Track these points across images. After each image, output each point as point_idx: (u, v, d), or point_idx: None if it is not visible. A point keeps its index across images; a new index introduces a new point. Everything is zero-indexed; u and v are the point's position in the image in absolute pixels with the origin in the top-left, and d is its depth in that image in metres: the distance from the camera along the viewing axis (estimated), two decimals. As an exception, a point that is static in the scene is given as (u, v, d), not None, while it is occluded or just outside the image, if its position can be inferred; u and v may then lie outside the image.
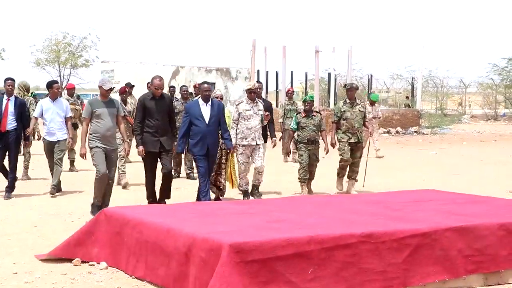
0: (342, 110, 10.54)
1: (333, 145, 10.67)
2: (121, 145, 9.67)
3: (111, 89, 8.50)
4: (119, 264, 5.79)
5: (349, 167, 10.54)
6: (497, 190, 10.48)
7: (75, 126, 12.72)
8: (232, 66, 29.35)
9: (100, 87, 8.57)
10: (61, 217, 8.36)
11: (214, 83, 24.73)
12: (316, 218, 5.75)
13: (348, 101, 10.67)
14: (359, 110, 10.58)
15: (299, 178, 10.24)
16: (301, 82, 32.25)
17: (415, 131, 27.34)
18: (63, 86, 42.08)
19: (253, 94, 9.54)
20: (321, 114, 10.71)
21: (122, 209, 6.45)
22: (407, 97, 32.34)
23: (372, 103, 16.66)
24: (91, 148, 8.35)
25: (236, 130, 9.51)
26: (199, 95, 9.11)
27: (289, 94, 15.95)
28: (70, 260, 6.04)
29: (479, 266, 5.48)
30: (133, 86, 13.88)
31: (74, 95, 13.75)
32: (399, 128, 27.48)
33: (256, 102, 9.66)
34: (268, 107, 10.19)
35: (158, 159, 8.69)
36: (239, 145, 9.47)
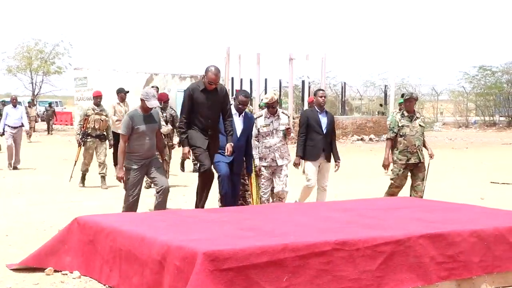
0: (400, 124, 8.91)
1: (385, 166, 9.07)
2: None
3: (153, 106, 7.35)
4: (93, 273, 5.74)
5: (411, 193, 9.02)
6: (469, 197, 10.59)
7: (101, 138, 12.28)
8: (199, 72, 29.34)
9: (142, 101, 7.31)
10: (33, 226, 8.26)
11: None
12: (290, 226, 5.75)
13: (406, 113, 8.97)
14: (420, 125, 8.96)
15: None
16: (275, 90, 32.35)
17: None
18: (35, 93, 41.76)
19: (271, 108, 8.31)
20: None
21: (96, 217, 6.39)
22: (381, 105, 32.60)
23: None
24: (126, 169, 7.38)
25: (258, 149, 8.32)
26: None
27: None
28: (42, 270, 5.97)
29: (452, 273, 5.51)
30: (128, 92, 13.56)
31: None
32: (372, 136, 27.70)
33: (278, 116, 8.41)
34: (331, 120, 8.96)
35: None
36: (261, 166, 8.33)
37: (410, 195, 8.90)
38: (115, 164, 13.66)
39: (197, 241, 4.98)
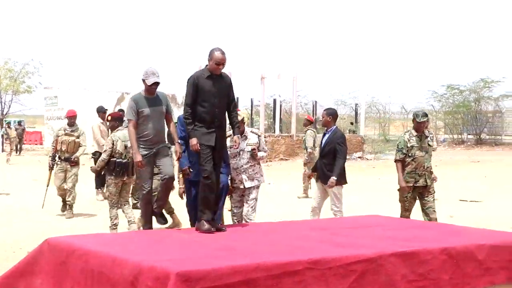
0: (409, 145, 8.57)
1: (404, 189, 8.59)
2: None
3: (156, 84, 6.93)
4: (64, 295, 5.67)
5: (424, 216, 8.70)
6: (438, 215, 10.71)
7: (71, 162, 11.11)
8: (178, 92, 29.33)
9: (143, 81, 6.95)
10: (2, 248, 8.16)
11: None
12: (263, 245, 5.77)
13: (414, 133, 8.62)
14: (429, 145, 8.65)
15: None
16: (246, 108, 32.44)
17: (359, 157, 27.77)
18: (3, 113, 41.27)
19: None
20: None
21: (67, 238, 6.33)
22: (351, 123, 32.88)
23: None
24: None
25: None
26: None
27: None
28: (12, 292, 5.89)
29: (423, 290, 5.57)
30: (107, 110, 13.42)
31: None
32: (343, 154, 27.85)
33: (245, 136, 7.88)
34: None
35: None
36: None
37: (425, 219, 8.60)
38: (97, 187, 13.42)
39: (169, 261, 4.96)
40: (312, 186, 8.83)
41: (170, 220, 9.32)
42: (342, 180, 8.50)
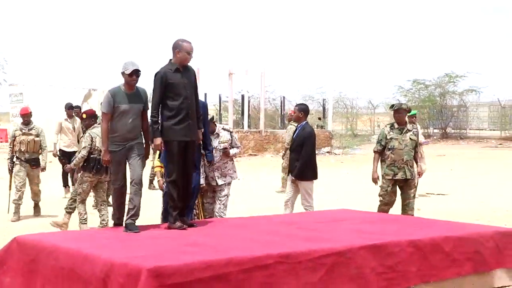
0: (388, 137, 8.53)
1: (375, 180, 8.66)
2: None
3: (137, 73, 6.55)
4: (34, 293, 5.64)
5: (402, 211, 8.63)
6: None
7: (32, 163, 10.50)
8: (146, 87, 29.15)
9: (123, 74, 6.56)
10: (-30, 246, 8.05)
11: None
12: (233, 241, 5.81)
13: (396, 126, 8.60)
14: (410, 139, 8.55)
15: None
16: (214, 104, 32.37)
17: (327, 152, 27.94)
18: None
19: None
20: None
21: (36, 236, 6.30)
22: (319, 118, 33.04)
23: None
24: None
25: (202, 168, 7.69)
26: None
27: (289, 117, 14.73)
28: (-20, 291, 5.84)
29: (391, 282, 5.67)
30: (77, 107, 13.28)
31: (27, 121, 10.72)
32: (311, 149, 27.96)
33: (217, 134, 7.91)
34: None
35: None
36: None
37: (402, 214, 8.57)
38: (64, 185, 13.06)
39: (140, 257, 4.98)
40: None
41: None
42: (312, 175, 8.57)
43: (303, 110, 8.73)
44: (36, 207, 10.94)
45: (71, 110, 13.02)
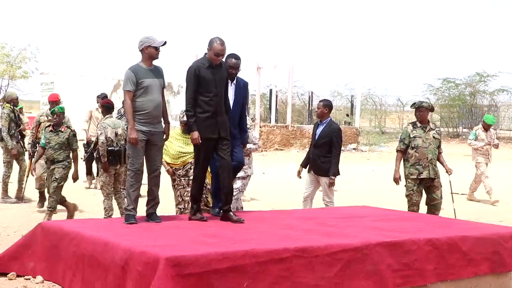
0: (412, 136, 8.41)
1: (396, 180, 8.52)
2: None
3: (164, 44, 6.53)
4: (56, 278, 5.79)
5: (428, 211, 8.52)
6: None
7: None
8: (174, 80, 29.32)
9: (148, 47, 6.48)
10: (-4, 231, 8.25)
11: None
12: (251, 233, 5.88)
13: (419, 124, 8.49)
14: (434, 137, 8.45)
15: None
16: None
17: (353, 148, 27.86)
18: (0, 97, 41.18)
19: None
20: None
21: (60, 222, 6.47)
22: (347, 115, 32.95)
23: (487, 128, 12.89)
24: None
25: None
26: None
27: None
28: (5, 275, 5.99)
29: (407, 280, 5.70)
30: (106, 96, 12.74)
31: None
32: (338, 145, 27.90)
33: None
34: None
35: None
36: None
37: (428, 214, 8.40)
38: (88, 173, 12.86)
39: (159, 246, 5.08)
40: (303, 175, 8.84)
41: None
42: (338, 172, 8.59)
43: (327, 105, 8.71)
44: (42, 197, 10.27)
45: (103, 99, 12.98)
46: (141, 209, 6.67)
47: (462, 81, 38.71)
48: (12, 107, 10.95)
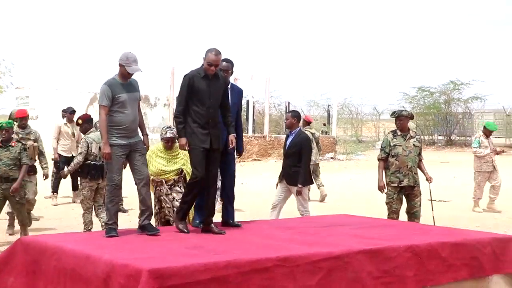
0: (392, 144, 8.52)
1: (381, 188, 8.63)
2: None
3: (136, 71, 6.47)
4: (36, 293, 5.74)
5: (408, 219, 8.61)
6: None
7: (31, 169, 9.30)
8: (151, 93, 29.26)
9: (121, 66, 6.41)
10: (-25, 247, 8.15)
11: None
12: (233, 244, 5.90)
13: (399, 132, 8.61)
14: (414, 145, 8.56)
15: None
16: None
17: (331, 157, 28.00)
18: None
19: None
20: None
21: (40, 237, 6.42)
22: (324, 124, 33.14)
23: (489, 134, 12.71)
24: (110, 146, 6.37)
25: None
26: None
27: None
28: (-16, 290, 5.94)
29: (388, 286, 5.74)
30: (75, 111, 12.71)
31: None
32: (315, 155, 28.02)
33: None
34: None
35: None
36: None
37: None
38: (53, 190, 12.34)
39: (141, 259, 5.07)
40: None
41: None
42: (310, 181, 8.68)
43: (296, 116, 8.88)
44: (28, 216, 9.40)
45: (73, 114, 12.63)
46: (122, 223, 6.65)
47: (436, 89, 39.19)
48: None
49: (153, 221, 6.71)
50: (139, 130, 6.61)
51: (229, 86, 6.93)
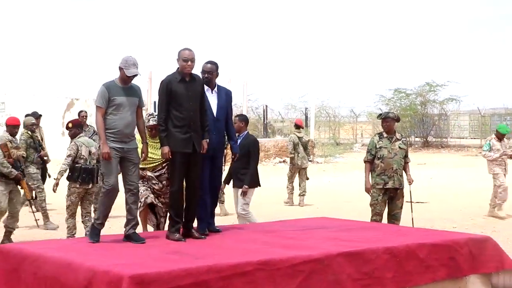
0: (378, 146, 8.59)
1: (368, 190, 8.71)
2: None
3: (135, 75, 6.43)
4: (17, 301, 5.72)
5: (388, 221, 8.68)
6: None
7: (16, 181, 9.05)
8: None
9: (120, 70, 6.38)
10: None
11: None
12: (214, 248, 5.93)
13: (385, 135, 8.67)
14: (399, 147, 8.62)
15: None
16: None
17: (309, 160, 28.09)
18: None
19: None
20: None
21: (19, 245, 6.39)
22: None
23: (501, 137, 12.37)
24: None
25: None
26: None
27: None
28: (-36, 300, 5.90)
29: (367, 288, 5.81)
30: (41, 115, 12.77)
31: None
32: (294, 158, 28.11)
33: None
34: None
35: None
36: None
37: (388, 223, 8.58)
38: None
39: (122, 265, 5.09)
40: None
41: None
42: (254, 183, 8.75)
43: (243, 120, 9.00)
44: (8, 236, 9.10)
45: (38, 119, 12.49)
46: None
47: (412, 91, 39.47)
48: (29, 133, 10.87)
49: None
50: (137, 136, 6.59)
51: (216, 89, 6.87)
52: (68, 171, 8.86)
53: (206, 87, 6.71)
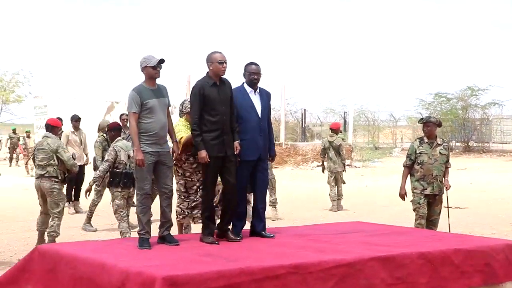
0: (418, 151, 8.40)
1: (402, 196, 8.53)
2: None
3: (160, 65, 6.34)
4: (53, 301, 5.82)
5: (425, 226, 8.44)
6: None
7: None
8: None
9: (145, 68, 6.33)
10: (-6, 255, 8.28)
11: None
12: (246, 251, 5.95)
13: (426, 140, 8.47)
14: (440, 153, 8.42)
15: None
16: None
17: (347, 164, 27.93)
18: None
19: None
20: None
21: (56, 245, 6.51)
22: (340, 131, 33.16)
23: None
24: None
25: None
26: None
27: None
28: (3, 298, 6.03)
29: (401, 293, 5.76)
30: (80, 118, 13.01)
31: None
32: (332, 162, 27.98)
33: None
34: None
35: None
36: None
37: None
38: (69, 200, 11.96)
39: (155, 266, 5.14)
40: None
41: None
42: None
43: None
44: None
45: (78, 122, 12.80)
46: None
47: (453, 95, 38.98)
48: (104, 135, 11.07)
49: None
50: (168, 137, 6.58)
51: (258, 90, 6.87)
52: (109, 177, 8.79)
53: (249, 89, 6.75)
